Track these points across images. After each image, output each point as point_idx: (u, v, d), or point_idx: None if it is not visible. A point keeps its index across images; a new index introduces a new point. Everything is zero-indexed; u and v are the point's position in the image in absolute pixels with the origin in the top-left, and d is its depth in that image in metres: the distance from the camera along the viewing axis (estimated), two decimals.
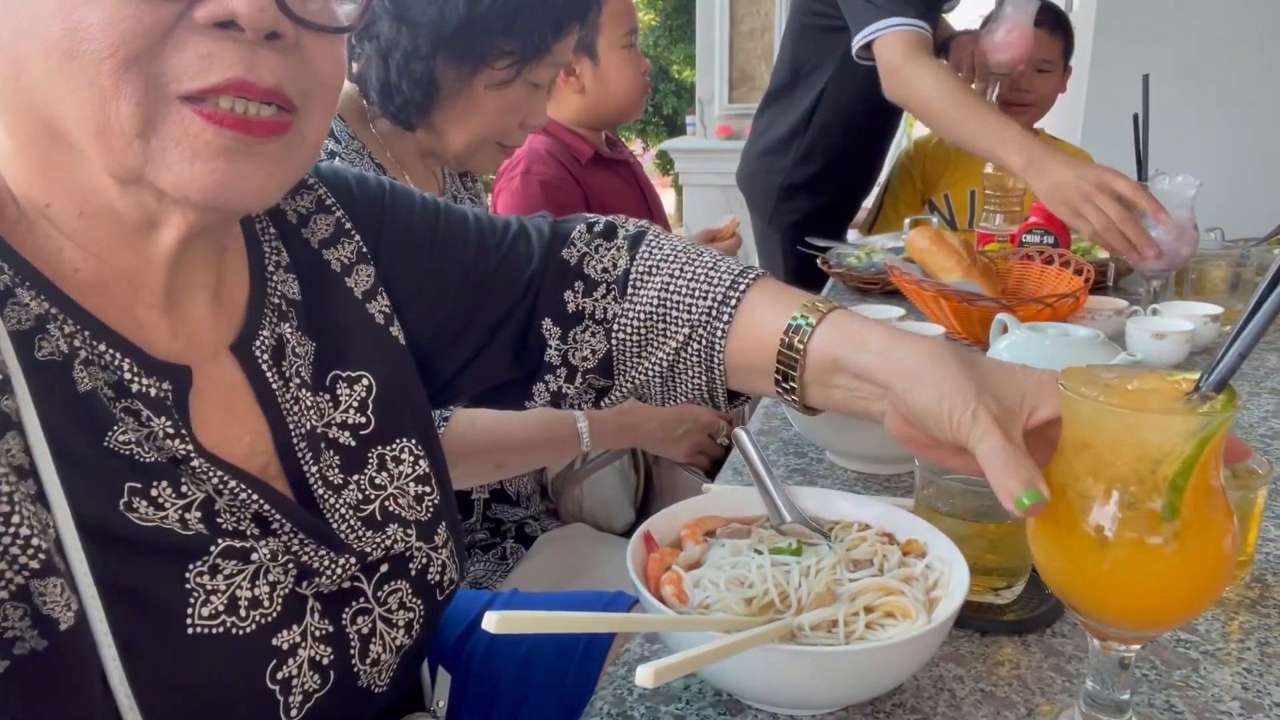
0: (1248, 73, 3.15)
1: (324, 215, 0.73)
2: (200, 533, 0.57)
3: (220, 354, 0.64)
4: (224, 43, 0.52)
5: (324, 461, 0.66)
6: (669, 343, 0.77)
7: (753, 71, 5.18)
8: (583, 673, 0.91)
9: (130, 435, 0.56)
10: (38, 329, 0.53)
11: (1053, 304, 1.36)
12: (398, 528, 0.68)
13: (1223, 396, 0.51)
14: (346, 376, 0.70)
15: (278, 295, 0.68)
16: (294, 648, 0.59)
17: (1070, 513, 0.53)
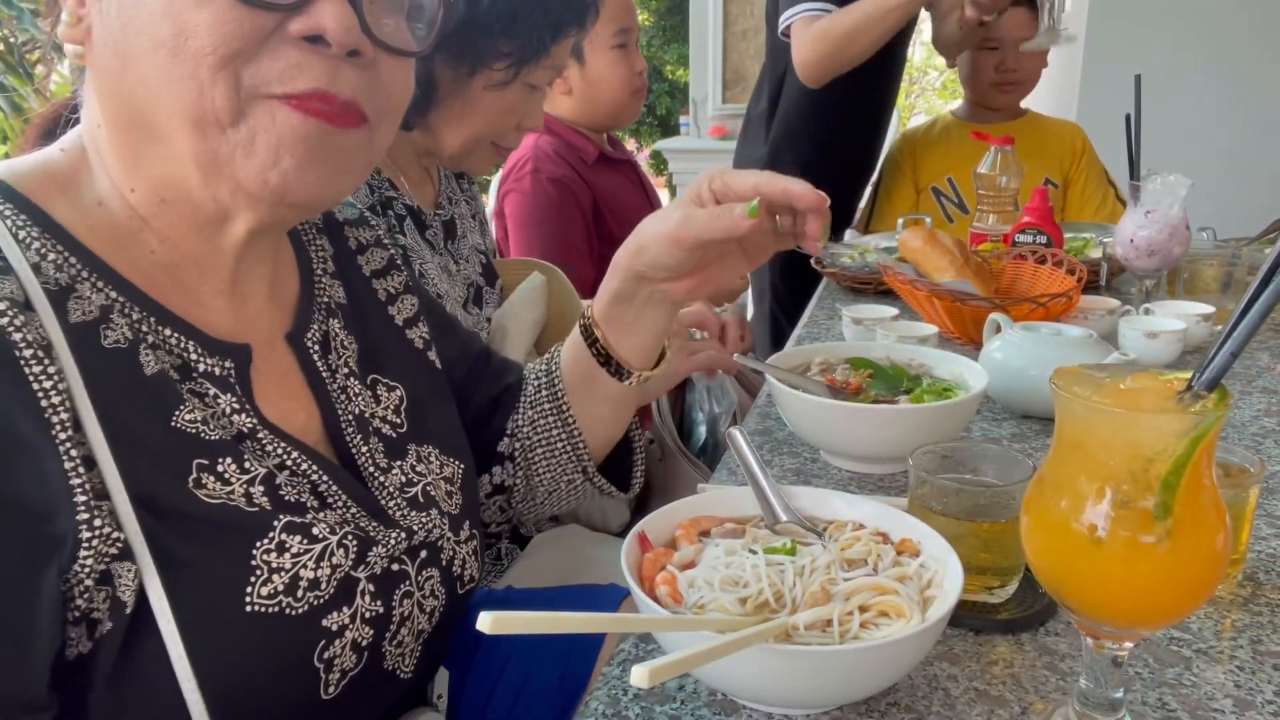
0: (1240, 72, 3.16)
1: (380, 250, 0.82)
2: (263, 508, 0.60)
3: (275, 341, 0.69)
4: (311, 55, 0.58)
5: (371, 445, 0.71)
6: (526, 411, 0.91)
7: (746, 72, 5.18)
8: (578, 665, 0.91)
9: (196, 414, 0.59)
10: (102, 319, 0.57)
11: (1045, 303, 1.36)
12: (436, 514, 0.73)
13: (1215, 395, 0.51)
14: (385, 383, 0.76)
15: (325, 295, 0.74)
16: (342, 629, 0.62)
17: (1063, 512, 0.54)
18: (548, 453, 0.90)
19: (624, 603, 0.96)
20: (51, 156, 0.62)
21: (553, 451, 0.89)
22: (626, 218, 1.85)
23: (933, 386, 1.06)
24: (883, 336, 1.34)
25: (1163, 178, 1.42)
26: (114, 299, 0.59)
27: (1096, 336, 1.15)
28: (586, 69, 1.80)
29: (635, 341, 0.83)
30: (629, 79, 1.82)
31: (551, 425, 0.88)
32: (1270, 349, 1.42)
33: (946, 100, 9.95)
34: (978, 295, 1.40)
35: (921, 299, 1.46)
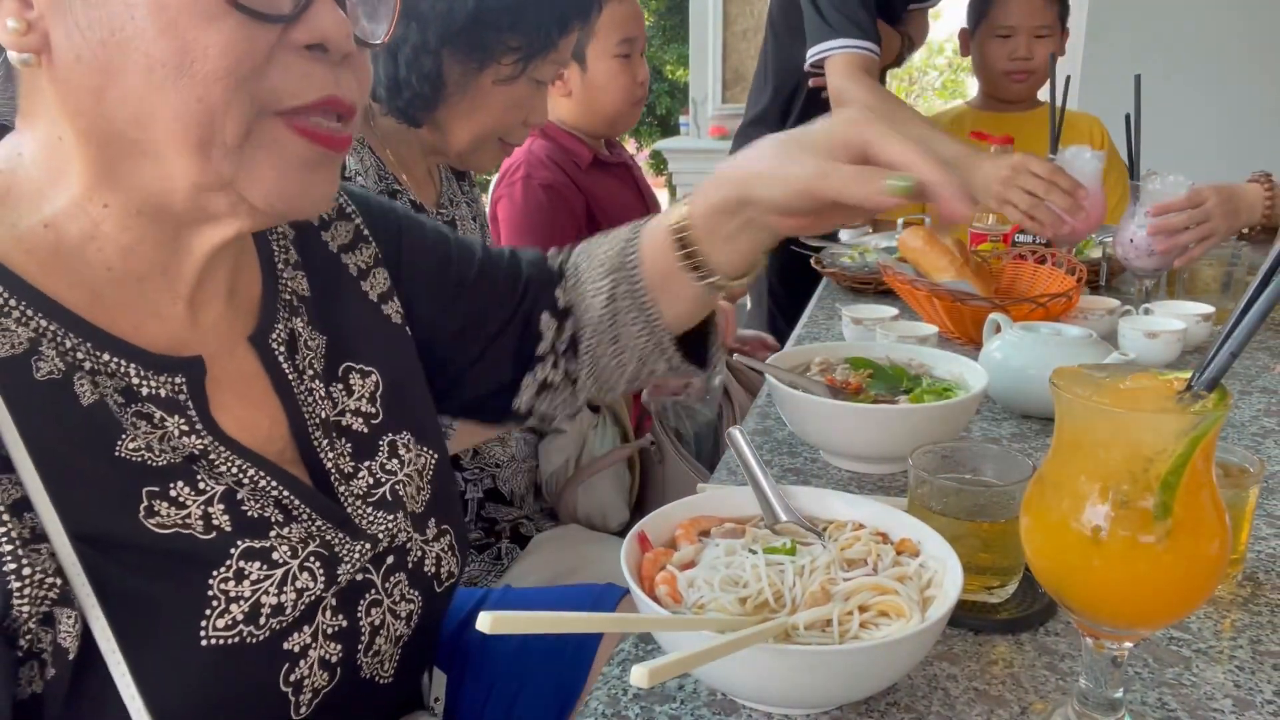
0: (1239, 73, 3.16)
1: (344, 222, 0.77)
2: (223, 530, 0.58)
3: (237, 345, 0.66)
4: (315, 63, 0.56)
5: (337, 449, 0.69)
6: (600, 298, 0.83)
7: (746, 71, 5.18)
8: (576, 664, 0.91)
9: (140, 441, 0.56)
10: (31, 351, 0.54)
11: (1045, 303, 1.36)
12: (402, 515, 0.71)
13: (1215, 395, 0.51)
14: (359, 369, 0.73)
15: (288, 291, 0.71)
16: (305, 649, 0.61)
17: (1063, 512, 0.54)
18: (620, 347, 0.84)
19: (623, 602, 0.96)
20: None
21: (628, 345, 0.84)
22: (620, 222, 1.85)
23: (933, 386, 1.06)
24: (883, 336, 1.34)
25: (1162, 177, 1.41)
26: (44, 328, 0.55)
27: (1096, 336, 1.15)
28: (588, 74, 1.81)
29: (732, 251, 0.76)
30: (630, 88, 1.83)
31: (632, 321, 0.82)
32: (1270, 349, 1.42)
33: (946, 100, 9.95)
34: (978, 295, 1.40)
35: (921, 299, 1.46)
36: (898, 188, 0.63)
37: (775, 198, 0.69)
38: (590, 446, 1.44)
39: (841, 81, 1.86)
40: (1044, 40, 2.14)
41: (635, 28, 1.82)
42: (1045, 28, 2.14)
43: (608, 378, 0.87)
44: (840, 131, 0.67)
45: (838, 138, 0.67)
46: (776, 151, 0.69)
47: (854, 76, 1.84)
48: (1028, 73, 2.17)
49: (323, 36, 0.56)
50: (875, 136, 0.66)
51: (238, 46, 0.52)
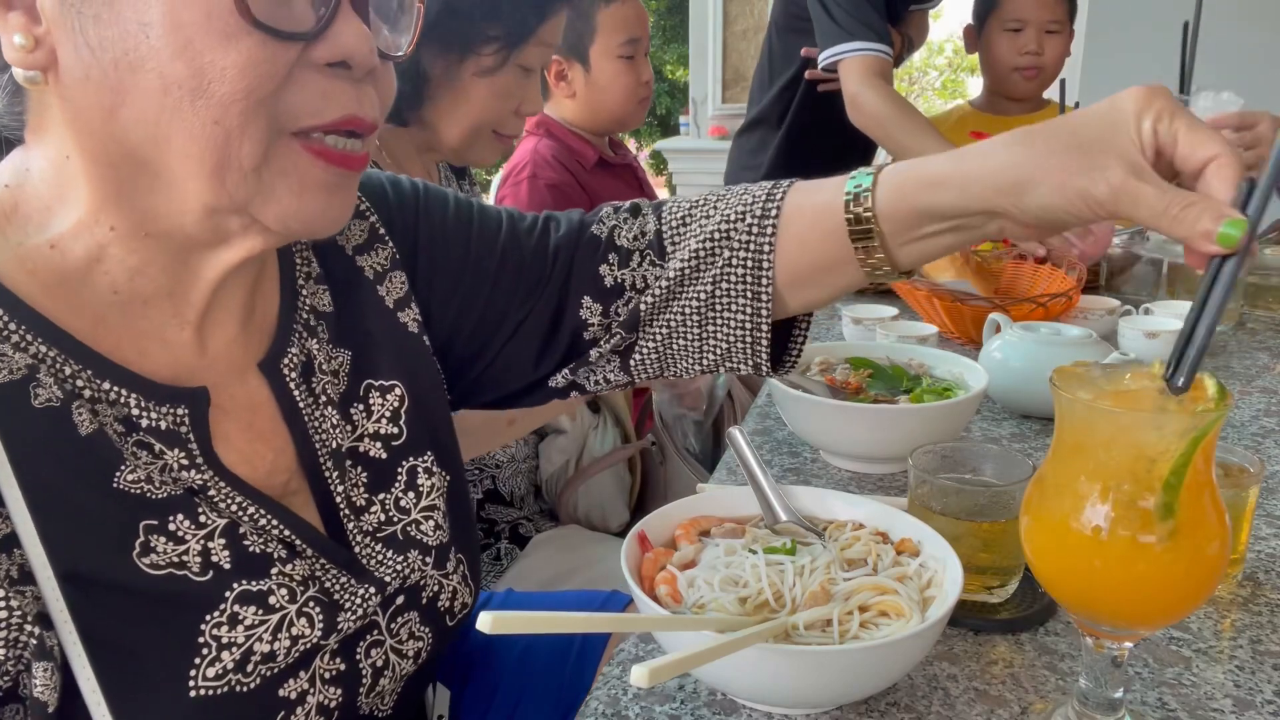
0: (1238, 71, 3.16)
1: (359, 220, 0.72)
2: (220, 569, 0.56)
3: (248, 371, 0.63)
4: (337, 81, 0.54)
5: (350, 480, 0.66)
6: (707, 275, 0.70)
7: (746, 71, 5.18)
8: (579, 671, 0.91)
9: (140, 472, 0.54)
10: (30, 377, 0.52)
11: (1045, 303, 1.36)
12: (417, 554, 0.67)
13: (1215, 395, 0.51)
14: (380, 385, 0.69)
15: (307, 309, 0.67)
16: (302, 695, 0.58)
17: (1063, 511, 0.54)
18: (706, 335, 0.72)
19: (627, 610, 0.96)
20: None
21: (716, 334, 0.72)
22: None
23: (933, 386, 1.06)
24: (883, 336, 1.34)
25: (1214, 94, 1.23)
26: (44, 354, 0.53)
27: (1096, 336, 1.15)
28: (591, 75, 1.81)
29: (920, 249, 0.65)
30: (634, 88, 1.83)
31: (738, 310, 0.70)
32: (1270, 349, 1.42)
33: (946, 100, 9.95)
34: (977, 295, 1.40)
35: (921, 299, 1.46)
36: (1234, 240, 0.48)
37: (1049, 211, 0.56)
38: (590, 447, 1.44)
39: (857, 86, 1.84)
40: (1054, 36, 2.08)
41: (639, 28, 1.83)
42: (1056, 23, 2.08)
43: (674, 365, 0.75)
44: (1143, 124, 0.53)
45: (1145, 135, 0.53)
46: (1058, 152, 0.55)
47: (869, 81, 1.83)
48: (1038, 69, 2.10)
49: (345, 54, 0.53)
50: (1181, 129, 0.52)
51: (257, 67, 0.50)
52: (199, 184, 0.52)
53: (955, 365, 1.10)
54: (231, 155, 0.52)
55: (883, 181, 0.64)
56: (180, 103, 0.50)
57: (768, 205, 0.69)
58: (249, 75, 0.50)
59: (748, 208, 0.69)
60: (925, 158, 0.63)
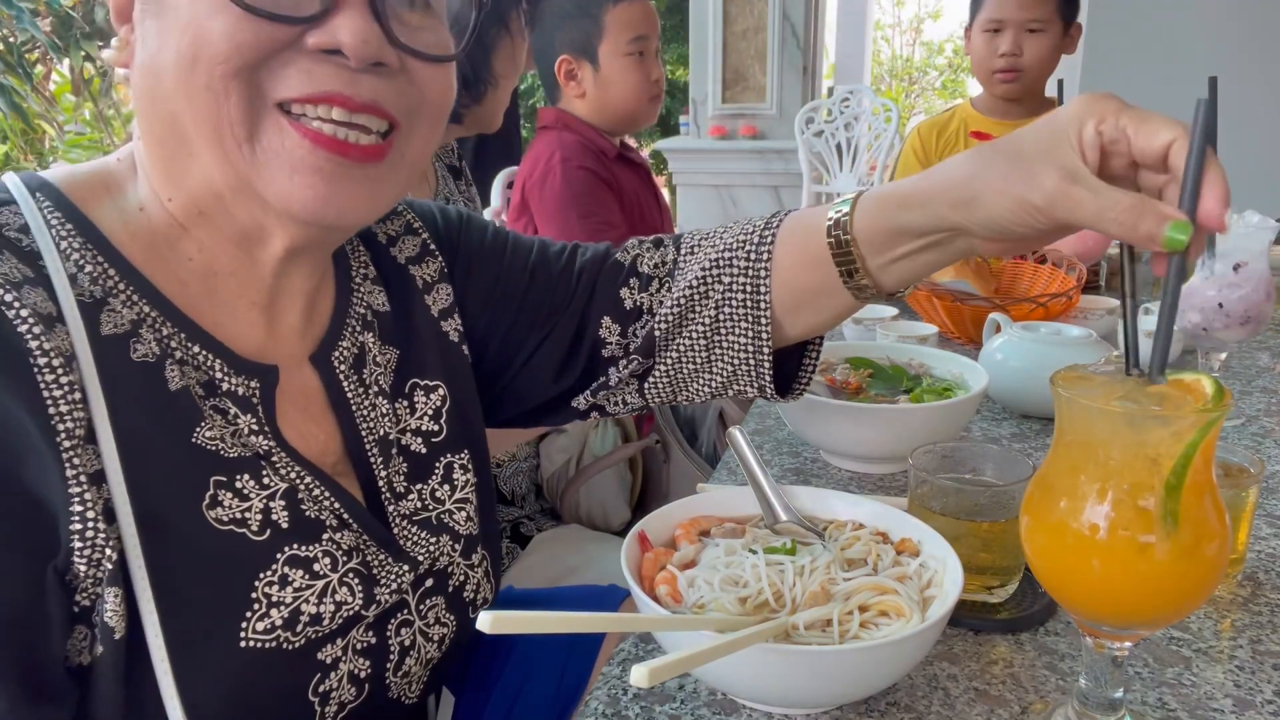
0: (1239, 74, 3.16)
1: (411, 237, 0.78)
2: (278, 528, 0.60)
3: (303, 362, 0.68)
4: (326, 65, 0.57)
5: (392, 467, 0.70)
6: (710, 300, 0.74)
7: (746, 71, 5.18)
8: (575, 668, 0.91)
9: (216, 431, 0.59)
10: (132, 333, 0.58)
11: (1045, 303, 1.36)
12: (448, 539, 0.71)
13: (1213, 395, 0.51)
14: (424, 385, 0.74)
15: (363, 305, 0.72)
16: (336, 661, 0.62)
17: (1063, 512, 0.54)
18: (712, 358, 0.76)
19: (624, 604, 0.96)
20: (107, 163, 0.64)
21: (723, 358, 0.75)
22: (641, 218, 1.88)
23: (933, 386, 1.06)
24: (883, 336, 1.34)
25: (1243, 218, 1.03)
26: (146, 313, 0.59)
27: (1096, 336, 1.15)
28: (600, 73, 1.83)
29: (901, 270, 0.67)
30: (643, 86, 1.84)
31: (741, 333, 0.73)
32: (1270, 349, 1.42)
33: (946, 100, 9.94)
34: (977, 295, 1.40)
35: (921, 299, 1.46)
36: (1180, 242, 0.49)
37: (995, 219, 0.58)
38: (591, 446, 1.44)
39: None
40: (1036, 35, 1.97)
41: (647, 27, 1.84)
42: (1037, 21, 1.96)
43: (685, 389, 0.79)
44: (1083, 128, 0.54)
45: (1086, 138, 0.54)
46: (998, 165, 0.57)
47: None
48: (1015, 71, 1.99)
49: (335, 42, 0.56)
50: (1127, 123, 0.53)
51: (238, 36, 0.54)
52: (209, 154, 0.57)
53: (955, 365, 1.10)
54: (223, 120, 0.56)
55: (860, 205, 0.67)
56: (186, 70, 0.55)
57: (764, 233, 0.73)
58: (229, 43, 0.54)
59: (748, 236, 0.74)
60: (899, 180, 0.66)
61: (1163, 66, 3.05)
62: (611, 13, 1.80)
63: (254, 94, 0.56)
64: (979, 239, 0.61)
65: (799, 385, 0.79)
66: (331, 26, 0.56)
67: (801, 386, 0.79)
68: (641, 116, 1.90)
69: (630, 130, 1.95)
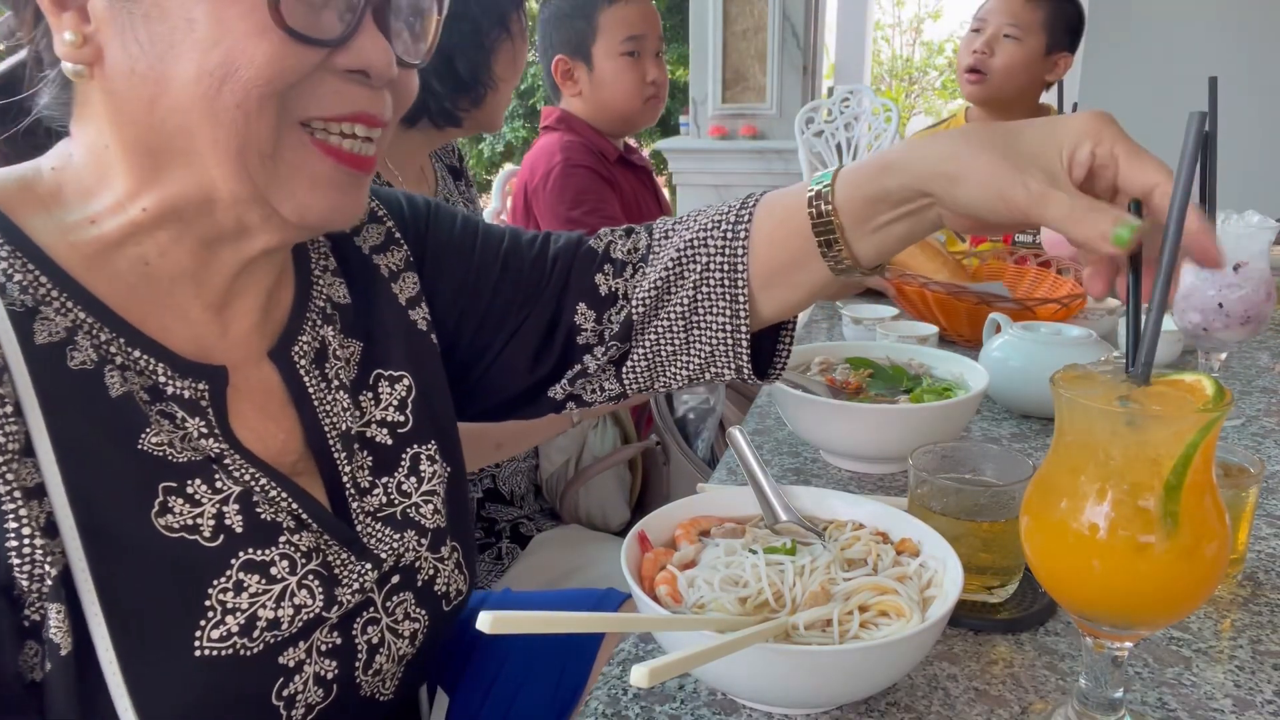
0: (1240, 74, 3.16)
1: (376, 225, 0.77)
2: (232, 533, 0.59)
3: (261, 358, 0.67)
4: (352, 85, 0.59)
5: (356, 462, 0.69)
6: (688, 281, 0.74)
7: (746, 71, 5.18)
8: (573, 670, 0.91)
9: (164, 436, 0.58)
10: (68, 340, 0.56)
11: (1067, 304, 1.38)
12: (414, 534, 0.70)
13: (1211, 394, 0.51)
14: (389, 375, 0.73)
15: (323, 299, 0.72)
16: (300, 664, 0.61)
17: (1063, 512, 0.54)
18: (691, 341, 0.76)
19: (622, 607, 0.96)
20: (38, 169, 0.61)
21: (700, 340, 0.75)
22: (641, 221, 1.88)
23: (933, 386, 1.06)
24: (883, 336, 1.35)
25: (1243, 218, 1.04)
26: (82, 319, 0.57)
27: (1096, 336, 1.15)
28: (594, 73, 1.83)
29: (878, 241, 0.68)
30: (637, 88, 1.84)
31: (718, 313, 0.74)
32: (1270, 349, 1.42)
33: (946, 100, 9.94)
34: (1008, 297, 1.40)
35: (914, 298, 1.47)
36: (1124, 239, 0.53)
37: (972, 202, 0.60)
38: (591, 446, 1.44)
39: None
40: (1011, 42, 1.94)
41: (644, 26, 1.83)
42: (1015, 28, 1.93)
43: (662, 374, 0.79)
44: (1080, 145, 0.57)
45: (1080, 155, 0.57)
46: (990, 154, 0.59)
47: None
48: (979, 72, 1.96)
49: (365, 65, 0.58)
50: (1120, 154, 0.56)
51: (283, 61, 0.55)
52: (224, 169, 0.56)
53: (955, 365, 1.10)
54: (250, 138, 0.56)
55: (842, 175, 0.68)
56: (210, 89, 0.54)
57: (741, 212, 0.73)
58: (273, 67, 0.54)
59: (724, 216, 0.74)
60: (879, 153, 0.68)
61: (1163, 66, 3.06)
62: (606, 13, 1.80)
63: (282, 112, 0.56)
64: (950, 211, 0.63)
65: (775, 368, 0.79)
66: (356, 48, 0.57)
67: (777, 369, 0.79)
68: (638, 117, 1.89)
69: (628, 131, 1.95)
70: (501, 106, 1.30)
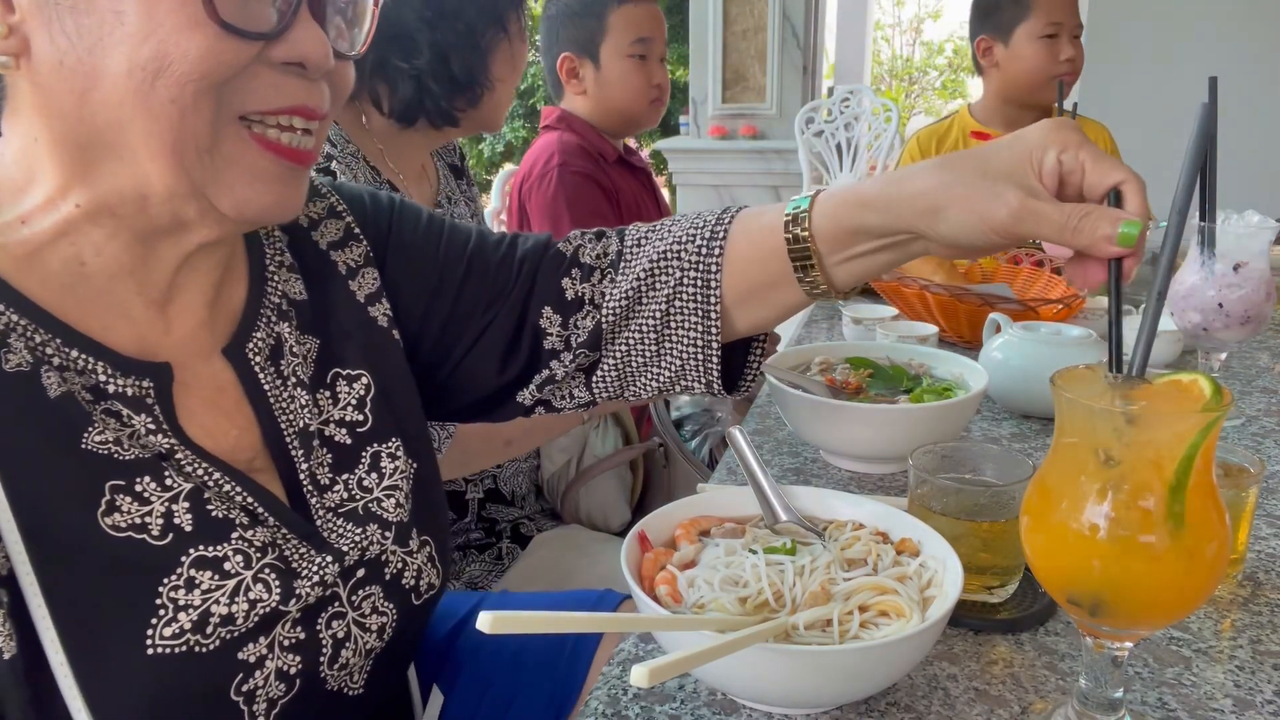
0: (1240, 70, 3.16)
1: (334, 220, 0.76)
2: (181, 532, 0.58)
3: (213, 355, 0.66)
4: (289, 78, 0.58)
5: (315, 459, 0.68)
6: (660, 294, 0.74)
7: (746, 71, 5.18)
8: (571, 671, 0.91)
9: (109, 434, 0.57)
10: (0, 344, 0.55)
11: (1070, 303, 1.38)
12: (376, 528, 0.69)
13: (1210, 394, 0.51)
14: (347, 375, 0.72)
15: (278, 294, 0.70)
16: (261, 660, 0.60)
17: (1063, 512, 0.54)
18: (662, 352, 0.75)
19: (621, 607, 0.96)
20: None
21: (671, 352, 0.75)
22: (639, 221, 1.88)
23: (933, 386, 1.06)
24: (883, 336, 1.35)
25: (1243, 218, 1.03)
26: (15, 322, 0.56)
27: (1096, 336, 1.15)
28: (601, 72, 1.83)
29: (856, 268, 0.68)
30: (643, 90, 1.85)
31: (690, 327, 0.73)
32: (1270, 349, 1.42)
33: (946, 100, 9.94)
34: (1012, 298, 1.40)
35: (914, 299, 1.47)
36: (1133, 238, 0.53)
37: (960, 235, 0.61)
38: (592, 446, 1.44)
39: None
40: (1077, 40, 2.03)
41: (652, 29, 1.85)
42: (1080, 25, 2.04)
43: (632, 384, 0.79)
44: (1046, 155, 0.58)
45: (1047, 165, 0.58)
46: (965, 180, 0.60)
47: None
48: (1076, 73, 2.03)
49: (302, 56, 0.57)
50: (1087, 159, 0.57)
51: (217, 55, 0.54)
52: (159, 164, 0.56)
53: (955, 365, 1.10)
54: (186, 134, 0.55)
55: (819, 203, 0.68)
56: (143, 84, 0.53)
57: (716, 228, 0.73)
58: (207, 61, 0.54)
59: (698, 230, 0.74)
60: (858, 182, 0.68)
61: (1163, 66, 3.06)
62: (616, 13, 1.80)
63: (220, 107, 0.56)
64: (935, 244, 0.64)
65: (745, 380, 0.79)
66: (292, 40, 0.57)
67: (747, 382, 0.79)
68: (642, 119, 1.90)
69: (630, 132, 1.95)
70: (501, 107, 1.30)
